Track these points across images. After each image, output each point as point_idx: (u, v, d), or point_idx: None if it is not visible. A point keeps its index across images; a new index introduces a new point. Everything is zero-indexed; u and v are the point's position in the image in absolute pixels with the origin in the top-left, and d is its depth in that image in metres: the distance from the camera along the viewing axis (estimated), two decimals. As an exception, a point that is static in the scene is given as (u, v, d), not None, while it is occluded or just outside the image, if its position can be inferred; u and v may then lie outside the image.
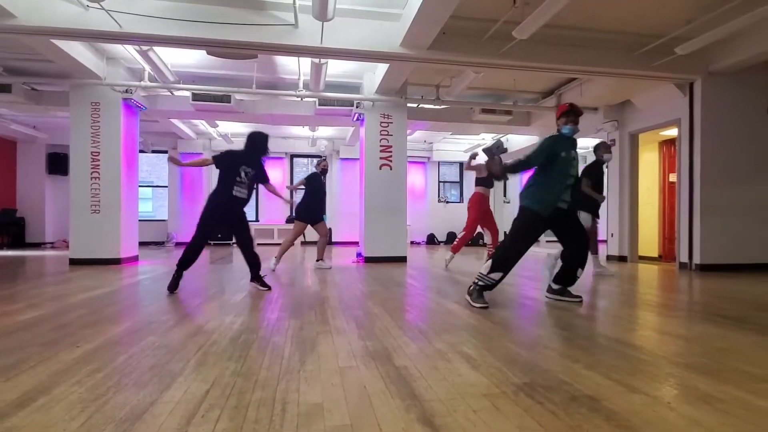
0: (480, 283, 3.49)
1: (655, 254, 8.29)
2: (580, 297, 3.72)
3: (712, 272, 6.05)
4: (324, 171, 6.52)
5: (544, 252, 5.57)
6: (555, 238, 3.69)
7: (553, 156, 3.45)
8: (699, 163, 6.30)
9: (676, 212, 6.80)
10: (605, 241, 8.36)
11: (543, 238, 13.64)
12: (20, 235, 11.14)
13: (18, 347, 2.27)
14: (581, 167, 5.18)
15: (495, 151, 6.86)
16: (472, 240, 12.85)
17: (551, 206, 3.46)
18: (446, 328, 2.74)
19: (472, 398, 1.63)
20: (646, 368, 2.00)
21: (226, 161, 4.16)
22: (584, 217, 5.43)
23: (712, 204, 6.29)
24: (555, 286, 3.81)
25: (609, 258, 7.98)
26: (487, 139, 11.85)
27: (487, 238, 6.49)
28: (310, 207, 6.28)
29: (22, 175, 11.34)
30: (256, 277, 4.37)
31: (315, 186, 6.34)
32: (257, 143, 4.28)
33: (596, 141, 11.64)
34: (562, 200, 3.51)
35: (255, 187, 4.38)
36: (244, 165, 4.16)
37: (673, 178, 7.80)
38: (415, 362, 2.06)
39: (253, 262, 4.36)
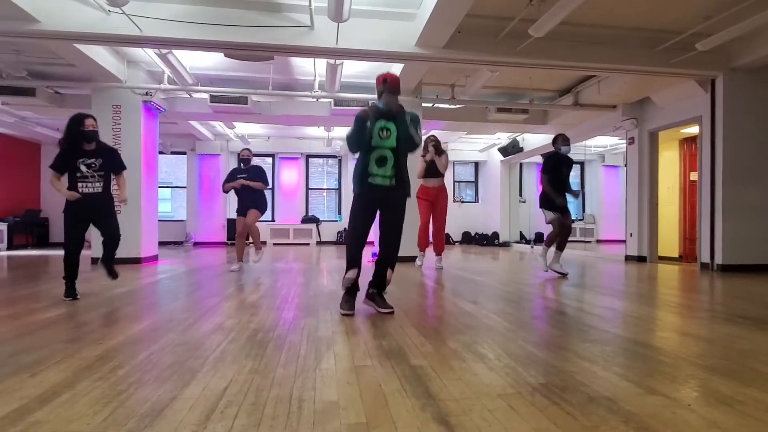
0: (345, 285, 3.21)
1: (676, 254, 8.12)
2: (391, 308, 3.21)
3: (734, 273, 5.91)
4: (242, 160, 6.14)
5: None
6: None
7: (362, 127, 3.14)
8: (721, 162, 6.16)
9: (697, 212, 6.66)
10: (625, 241, 8.23)
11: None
12: (44, 235, 11.45)
13: (42, 344, 2.34)
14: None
15: (511, 150, 6.78)
16: (487, 240, 12.78)
17: (364, 182, 3.18)
18: (461, 328, 2.73)
19: (488, 398, 1.63)
20: (666, 370, 1.97)
21: (60, 162, 3.77)
22: (547, 214, 5.42)
23: (734, 203, 6.14)
24: (370, 290, 3.35)
25: (627, 258, 7.85)
26: (503, 138, 11.77)
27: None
28: (240, 201, 6.02)
29: (46, 177, 11.63)
30: (107, 261, 4.09)
31: (236, 178, 5.99)
32: (66, 127, 3.79)
33: (615, 139, 11.51)
34: (374, 175, 3.18)
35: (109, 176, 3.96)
36: (80, 158, 3.76)
37: (694, 176, 7.63)
38: (431, 361, 2.06)
39: (110, 251, 4.10)
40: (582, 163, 14.63)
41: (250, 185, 5.93)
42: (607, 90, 7.29)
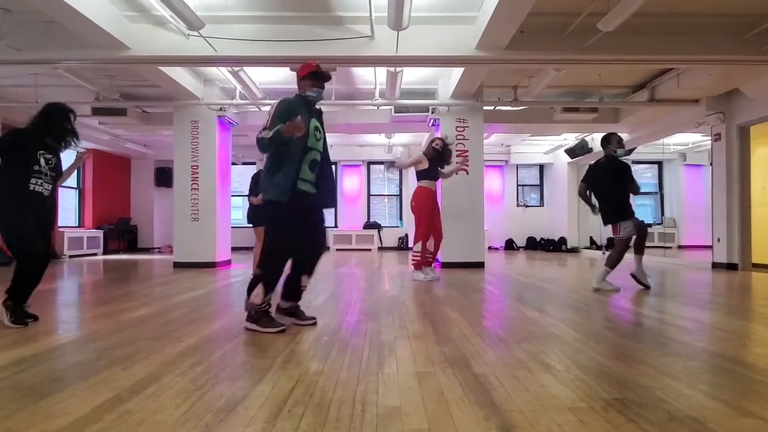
0: (264, 307, 2.76)
1: (774, 262, 7.29)
2: (314, 318, 2.96)
3: None
4: None
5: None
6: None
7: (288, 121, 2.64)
8: (828, 157, 5.47)
9: (799, 214, 5.96)
10: (711, 247, 7.53)
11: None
12: (134, 241, 12.57)
13: (132, 340, 2.57)
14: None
15: (579, 151, 6.46)
16: (553, 245, 12.21)
17: (288, 189, 2.69)
18: (527, 337, 2.64)
19: (556, 411, 1.56)
20: (762, 390, 1.78)
21: (16, 144, 2.91)
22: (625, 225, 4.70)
23: None
24: (285, 305, 2.96)
25: (715, 266, 7.17)
26: (569, 139, 11.24)
27: (429, 244, 5.56)
28: (253, 209, 5.38)
29: (135, 188, 12.82)
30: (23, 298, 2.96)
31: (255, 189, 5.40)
32: (52, 119, 3.02)
33: (698, 136, 10.58)
34: (303, 180, 2.78)
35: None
36: (42, 150, 2.96)
37: (795, 174, 6.84)
38: (494, 370, 2.01)
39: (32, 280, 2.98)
40: (660, 163, 13.63)
41: None
42: (688, 83, 6.73)
